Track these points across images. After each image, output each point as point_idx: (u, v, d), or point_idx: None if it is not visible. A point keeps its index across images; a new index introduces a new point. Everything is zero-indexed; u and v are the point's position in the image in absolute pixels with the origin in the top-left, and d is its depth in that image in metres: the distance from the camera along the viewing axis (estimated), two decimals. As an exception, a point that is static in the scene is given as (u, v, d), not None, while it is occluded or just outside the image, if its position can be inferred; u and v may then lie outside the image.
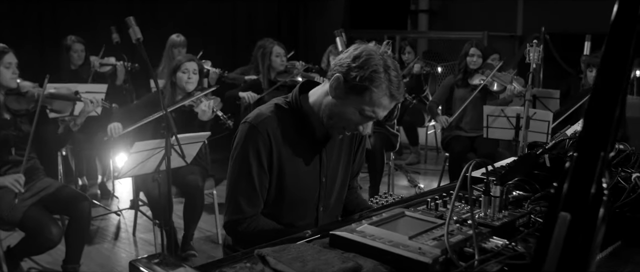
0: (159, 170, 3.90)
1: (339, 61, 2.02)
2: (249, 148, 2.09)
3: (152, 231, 4.86)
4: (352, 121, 2.04)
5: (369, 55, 1.94)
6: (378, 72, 1.92)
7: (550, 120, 4.73)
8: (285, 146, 2.12)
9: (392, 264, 1.37)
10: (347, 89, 1.97)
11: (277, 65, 5.45)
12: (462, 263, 1.35)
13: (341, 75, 1.97)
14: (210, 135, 4.11)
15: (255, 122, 2.10)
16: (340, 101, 2.01)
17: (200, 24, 7.18)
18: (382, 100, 1.96)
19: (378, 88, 1.93)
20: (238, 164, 2.13)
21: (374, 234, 1.45)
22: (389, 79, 1.93)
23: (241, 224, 2.15)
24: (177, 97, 4.50)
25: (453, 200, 1.51)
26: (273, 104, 2.20)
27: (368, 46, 1.99)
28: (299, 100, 2.17)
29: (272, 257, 1.39)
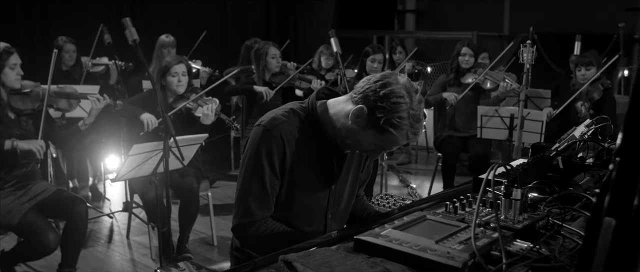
0: (156, 172, 3.87)
1: (366, 91, 1.98)
2: (262, 151, 2.08)
3: (145, 234, 4.83)
4: (365, 149, 2.12)
5: (398, 98, 1.92)
6: (402, 118, 1.93)
7: (544, 121, 4.77)
8: (297, 152, 2.11)
9: (420, 268, 1.36)
10: (368, 123, 1.98)
11: (272, 66, 5.42)
12: (491, 267, 1.35)
13: (366, 109, 1.97)
14: (207, 137, 4.08)
15: (269, 126, 2.09)
16: (359, 130, 2.02)
17: (190, 24, 7.14)
18: (399, 141, 2.00)
19: (399, 132, 1.96)
20: (250, 167, 2.12)
21: (399, 239, 1.45)
22: (411, 125, 1.95)
23: (251, 227, 2.14)
24: (168, 100, 4.46)
25: (478, 203, 1.51)
26: (288, 108, 2.19)
27: (398, 83, 1.95)
28: (316, 108, 2.16)
29: (299, 263, 1.38)
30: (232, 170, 6.87)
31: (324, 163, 2.20)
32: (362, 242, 1.47)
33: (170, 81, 4.39)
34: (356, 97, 2.01)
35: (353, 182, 2.35)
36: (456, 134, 5.66)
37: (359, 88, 2.01)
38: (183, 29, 6.97)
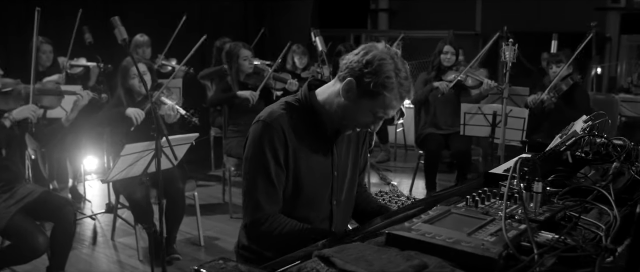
0: (146, 173, 3.84)
1: (350, 64, 2.05)
2: (265, 145, 2.10)
3: (130, 235, 4.78)
4: (364, 122, 2.13)
5: (382, 60, 1.99)
6: (390, 77, 1.98)
7: (525, 117, 4.87)
8: (299, 142, 2.15)
9: (455, 260, 1.39)
10: (360, 93, 2.03)
11: (245, 68, 5.40)
12: (524, 257, 1.39)
13: (354, 80, 2.02)
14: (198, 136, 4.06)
15: (269, 120, 2.12)
16: (353, 103, 2.07)
17: (166, 23, 7.08)
18: (394, 102, 2.04)
19: (390, 93, 2.00)
20: (254, 163, 2.13)
21: (431, 232, 1.48)
22: (400, 83, 2.01)
23: (263, 224, 2.15)
24: (135, 100, 4.42)
25: (505, 196, 1.54)
26: (283, 102, 2.23)
27: (378, 48, 2.03)
28: (309, 97, 2.20)
29: (338, 258, 1.40)
30: (213, 170, 6.85)
31: (323, 151, 2.25)
32: (395, 236, 1.49)
33: (132, 84, 4.36)
34: (342, 74, 2.07)
35: (353, 168, 2.39)
36: (437, 132, 5.73)
37: (343, 66, 2.08)
38: (160, 28, 6.90)
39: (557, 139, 2.39)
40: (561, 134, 2.43)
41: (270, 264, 1.52)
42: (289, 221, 2.19)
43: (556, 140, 2.43)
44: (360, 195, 2.56)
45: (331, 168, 2.28)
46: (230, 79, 5.40)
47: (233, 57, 5.34)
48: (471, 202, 1.74)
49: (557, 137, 2.53)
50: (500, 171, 2.10)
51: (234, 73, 5.36)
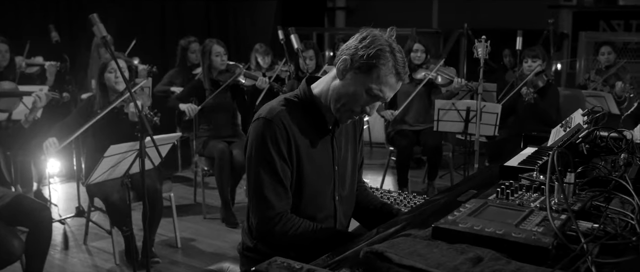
0: (128, 174, 3.75)
1: (346, 46, 2.07)
2: (268, 142, 2.08)
3: (104, 239, 4.66)
4: (359, 102, 2.08)
5: (375, 36, 2.01)
6: (384, 50, 1.99)
7: (498, 113, 4.96)
8: (301, 137, 2.14)
9: (507, 251, 1.40)
10: (354, 68, 2.03)
11: (217, 64, 5.34)
12: (575, 246, 1.41)
13: (348, 57, 2.03)
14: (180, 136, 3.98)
15: (270, 116, 2.10)
16: (348, 82, 2.06)
17: (128, 22, 6.92)
18: (389, 78, 2.02)
19: (385, 65, 1.99)
20: (259, 160, 2.11)
21: (479, 224, 1.49)
22: (394, 57, 2.00)
23: (277, 223, 2.12)
24: (110, 98, 4.32)
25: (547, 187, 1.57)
26: (282, 98, 2.22)
27: (373, 30, 2.05)
28: (308, 92, 2.20)
29: (393, 254, 1.39)
30: (180, 170, 6.73)
31: (324, 146, 2.24)
32: (442, 229, 1.50)
33: (108, 78, 4.27)
34: (337, 59, 2.09)
35: (353, 162, 2.39)
36: (408, 128, 5.78)
37: (340, 52, 2.09)
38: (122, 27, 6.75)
39: (560, 132, 2.44)
40: (562, 124, 2.48)
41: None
42: (302, 221, 2.17)
43: (558, 133, 2.49)
44: (360, 193, 2.55)
45: (332, 163, 2.27)
46: (202, 76, 5.33)
47: (206, 53, 5.28)
48: (501, 195, 1.76)
49: (556, 130, 2.59)
50: (515, 164, 2.13)
51: (205, 69, 5.29)
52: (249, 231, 2.35)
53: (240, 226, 5.09)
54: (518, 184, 1.85)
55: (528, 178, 1.93)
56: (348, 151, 2.37)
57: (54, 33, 4.90)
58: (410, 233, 1.61)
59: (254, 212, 2.18)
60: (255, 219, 2.17)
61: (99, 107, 4.22)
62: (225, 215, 5.16)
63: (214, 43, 5.33)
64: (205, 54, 5.31)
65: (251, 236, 2.34)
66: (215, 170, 5.11)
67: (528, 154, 2.27)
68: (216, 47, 5.30)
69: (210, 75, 5.34)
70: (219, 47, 5.32)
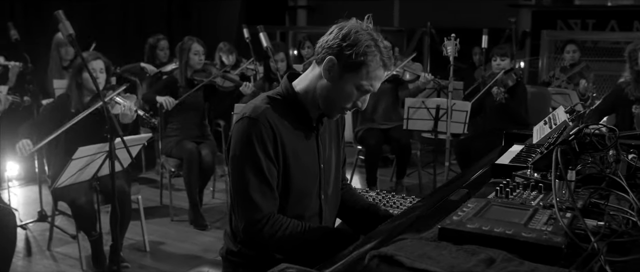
0: (96, 176, 3.63)
1: (326, 44, 2.03)
2: (254, 141, 2.02)
3: (68, 244, 4.51)
4: (350, 99, 2.07)
5: (357, 32, 1.98)
6: (370, 46, 1.97)
7: (468, 111, 4.99)
8: (286, 136, 2.09)
9: (517, 252, 1.37)
10: (341, 68, 2.00)
11: (195, 63, 5.24)
12: (586, 245, 1.39)
13: (334, 57, 1.99)
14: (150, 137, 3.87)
15: (254, 115, 2.05)
16: (336, 82, 2.03)
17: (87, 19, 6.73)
18: (378, 72, 2.02)
19: (373, 61, 1.98)
20: (244, 160, 2.04)
21: (487, 225, 1.45)
22: (380, 50, 1.99)
23: (265, 225, 2.05)
24: (85, 99, 4.18)
25: (554, 186, 1.54)
26: (265, 96, 2.17)
27: (351, 23, 2.02)
28: (291, 89, 2.15)
29: (403, 257, 1.35)
30: (143, 172, 6.58)
31: (309, 143, 2.20)
32: (450, 230, 1.46)
33: (87, 78, 4.11)
34: (320, 56, 2.05)
35: (337, 160, 2.36)
36: (376, 127, 5.76)
37: (319, 48, 2.06)
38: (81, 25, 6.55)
39: (545, 130, 2.44)
40: (547, 124, 2.48)
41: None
42: (290, 221, 2.11)
43: (542, 130, 2.49)
44: (346, 192, 2.51)
45: (318, 161, 2.23)
46: (178, 73, 5.23)
47: (184, 50, 5.18)
48: (501, 193, 1.74)
49: (540, 127, 2.59)
50: (506, 162, 2.12)
51: (182, 67, 5.19)
52: (232, 235, 2.28)
53: (209, 228, 5.00)
54: (515, 182, 1.84)
55: (522, 176, 1.91)
56: (332, 149, 2.33)
57: (13, 31, 4.71)
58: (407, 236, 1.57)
59: (240, 215, 2.10)
60: (241, 221, 2.10)
61: (75, 107, 4.07)
62: (194, 217, 5.05)
63: (194, 41, 5.25)
64: (184, 51, 5.21)
65: (235, 240, 2.26)
66: (184, 171, 5.00)
67: (516, 152, 2.26)
68: (196, 45, 5.22)
69: (186, 74, 5.24)
70: (199, 46, 5.24)
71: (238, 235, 2.21)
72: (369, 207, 2.45)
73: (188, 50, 5.20)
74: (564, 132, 2.13)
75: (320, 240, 2.14)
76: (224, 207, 5.51)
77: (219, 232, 4.95)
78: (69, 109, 4.09)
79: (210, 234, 4.91)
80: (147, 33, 6.62)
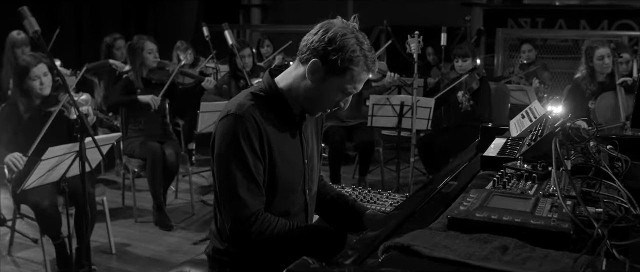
0: (64, 178, 3.53)
1: (311, 44, 2.03)
2: (240, 138, 2.02)
3: (30, 248, 4.39)
4: (333, 101, 2.11)
5: (344, 36, 1.99)
6: (355, 51, 1.98)
7: (432, 107, 5.08)
8: (272, 132, 2.10)
9: (527, 239, 1.41)
10: (326, 72, 2.02)
11: (149, 62, 5.16)
12: (591, 230, 1.44)
13: (319, 60, 2.00)
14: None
15: (239, 112, 2.04)
16: (320, 84, 2.05)
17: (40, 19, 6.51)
18: (362, 75, 2.05)
19: (357, 66, 2.00)
20: (231, 158, 2.03)
21: (495, 214, 1.49)
22: (365, 55, 2.01)
23: (253, 223, 2.05)
24: (34, 103, 4.05)
25: (555, 175, 1.59)
26: (248, 93, 2.17)
27: (336, 25, 2.03)
28: (274, 86, 2.15)
29: (421, 247, 1.36)
30: (102, 173, 6.43)
31: (294, 140, 2.21)
32: (459, 220, 1.49)
33: (31, 86, 3.98)
34: (304, 56, 2.05)
35: (317, 155, 2.38)
36: (340, 124, 5.79)
37: (303, 47, 2.06)
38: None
39: (524, 122, 2.51)
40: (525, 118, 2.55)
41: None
42: (278, 219, 2.11)
43: (521, 123, 2.56)
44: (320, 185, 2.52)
45: (302, 157, 2.24)
46: (133, 74, 5.12)
47: (137, 50, 5.08)
48: (498, 184, 1.78)
49: (518, 121, 2.66)
50: (494, 154, 2.17)
51: (137, 67, 5.09)
52: (218, 234, 2.26)
53: (175, 228, 4.93)
54: (507, 173, 1.89)
55: (513, 167, 1.96)
56: (314, 145, 2.34)
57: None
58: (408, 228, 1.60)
59: (227, 213, 2.09)
60: (228, 219, 2.08)
61: (27, 112, 3.94)
62: (158, 218, 4.98)
63: (146, 39, 5.15)
64: (136, 51, 5.11)
65: (221, 239, 2.25)
66: (148, 171, 4.93)
67: (500, 144, 2.31)
68: (149, 43, 5.13)
69: (141, 74, 5.14)
70: (152, 44, 5.15)
71: (224, 233, 2.20)
72: (339, 197, 2.47)
73: (141, 50, 5.11)
74: (546, 125, 2.20)
75: (308, 238, 2.14)
76: (188, 207, 5.45)
77: (184, 232, 4.90)
78: (21, 115, 3.96)
79: (176, 235, 4.85)
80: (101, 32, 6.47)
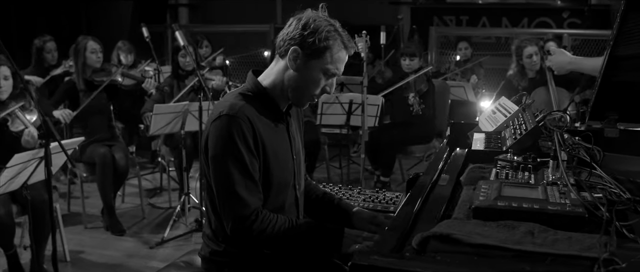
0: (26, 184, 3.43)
1: (287, 36, 2.12)
2: (236, 137, 2.06)
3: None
4: (318, 85, 2.17)
5: (316, 20, 2.10)
6: (330, 31, 2.09)
7: (380, 104, 5.22)
8: (263, 130, 2.15)
9: (546, 223, 1.54)
10: (306, 56, 2.10)
11: (93, 62, 5.04)
12: (601, 213, 1.59)
13: (298, 47, 2.09)
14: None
15: (232, 112, 2.09)
16: (303, 70, 2.13)
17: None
18: (340, 54, 2.14)
19: (335, 44, 2.10)
20: (227, 157, 2.07)
21: (516, 201, 1.61)
22: (340, 33, 2.12)
23: (254, 221, 2.09)
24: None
25: (561, 165, 1.74)
26: (236, 94, 2.22)
27: (307, 13, 2.13)
28: (259, 84, 2.22)
29: (459, 235, 1.47)
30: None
31: (282, 136, 2.27)
32: (484, 209, 1.60)
33: None
34: (282, 49, 2.14)
35: (302, 149, 2.45)
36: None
37: (281, 42, 2.15)
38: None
39: (498, 118, 2.67)
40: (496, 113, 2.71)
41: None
42: (277, 217, 2.16)
43: (494, 119, 2.72)
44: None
45: (291, 153, 2.30)
46: (76, 74, 4.99)
47: (80, 50, 4.94)
48: (501, 175, 1.91)
49: (489, 116, 2.82)
50: (481, 148, 2.31)
51: (79, 68, 4.96)
52: (214, 235, 2.28)
53: (127, 233, 4.85)
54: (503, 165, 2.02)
55: (504, 159, 2.10)
56: (299, 140, 2.41)
57: None
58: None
59: (227, 212, 2.12)
60: (228, 219, 2.11)
61: None
62: (110, 222, 4.88)
63: (89, 39, 5.03)
64: (79, 52, 4.97)
65: (217, 240, 2.27)
66: (98, 176, 4.82)
67: (482, 139, 2.45)
68: (92, 43, 5.01)
69: (84, 75, 5.02)
70: (95, 44, 5.03)
71: (221, 234, 2.23)
72: (324, 195, 2.55)
73: (84, 50, 5.00)
74: (526, 119, 2.37)
75: (308, 234, 2.19)
76: (137, 211, 5.37)
77: (138, 236, 4.84)
78: None
79: (129, 239, 4.78)
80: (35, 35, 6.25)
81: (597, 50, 7.84)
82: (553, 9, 9.48)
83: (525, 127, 2.24)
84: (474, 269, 1.35)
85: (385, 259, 1.33)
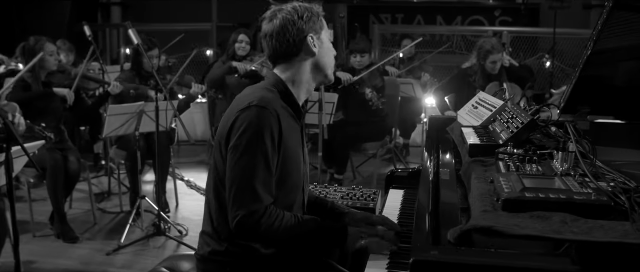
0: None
1: (291, 35, 2.15)
2: (264, 130, 2.05)
3: None
4: (332, 49, 2.31)
5: (294, 6, 2.19)
6: (309, 5, 2.21)
7: (335, 102, 5.26)
8: (285, 127, 2.13)
9: (573, 212, 1.59)
10: (317, 34, 2.20)
11: (50, 65, 4.84)
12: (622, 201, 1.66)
13: (305, 33, 2.16)
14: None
15: (263, 104, 2.07)
16: (322, 47, 2.23)
17: None
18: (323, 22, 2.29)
19: (318, 11, 2.25)
20: (253, 150, 2.04)
21: (543, 192, 1.65)
22: (310, 4, 2.25)
23: (262, 216, 2.05)
24: None
25: (578, 155, 1.80)
26: (264, 87, 2.20)
27: (281, 6, 2.21)
28: (283, 83, 2.21)
29: (502, 227, 1.49)
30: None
31: (298, 135, 2.27)
32: (513, 201, 1.63)
33: None
34: (293, 47, 2.17)
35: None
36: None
37: (283, 43, 2.16)
38: None
39: (482, 113, 2.73)
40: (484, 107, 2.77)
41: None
42: (284, 213, 2.13)
43: (478, 113, 2.78)
44: None
45: (302, 155, 2.29)
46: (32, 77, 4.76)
47: (36, 52, 4.71)
48: (513, 168, 1.95)
49: (470, 111, 2.88)
50: (478, 142, 2.35)
51: (36, 70, 4.74)
52: (216, 234, 2.24)
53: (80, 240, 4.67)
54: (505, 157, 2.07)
55: (505, 153, 2.15)
56: (304, 145, 2.39)
57: None
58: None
59: (238, 203, 2.05)
60: (237, 210, 2.05)
61: None
62: (61, 230, 4.68)
63: (45, 41, 4.80)
64: (35, 54, 4.74)
65: (219, 239, 2.23)
66: (48, 181, 4.61)
67: (473, 133, 2.49)
68: (49, 45, 4.80)
69: (40, 77, 4.81)
70: (52, 46, 4.84)
71: (222, 232, 2.19)
72: (317, 199, 2.55)
73: (40, 51, 4.77)
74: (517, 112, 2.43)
75: (314, 232, 2.18)
76: (87, 216, 5.19)
77: (92, 243, 4.67)
78: None
79: (83, 246, 4.60)
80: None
81: (529, 46, 8.16)
82: (485, 8, 9.80)
83: (521, 121, 2.29)
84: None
85: (448, 256, 1.34)
